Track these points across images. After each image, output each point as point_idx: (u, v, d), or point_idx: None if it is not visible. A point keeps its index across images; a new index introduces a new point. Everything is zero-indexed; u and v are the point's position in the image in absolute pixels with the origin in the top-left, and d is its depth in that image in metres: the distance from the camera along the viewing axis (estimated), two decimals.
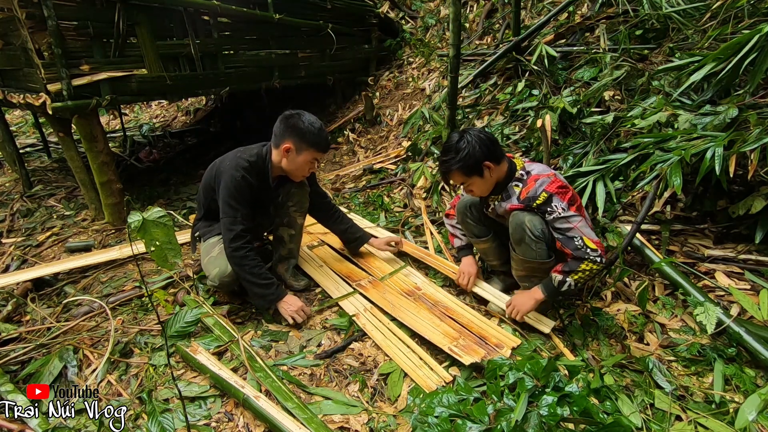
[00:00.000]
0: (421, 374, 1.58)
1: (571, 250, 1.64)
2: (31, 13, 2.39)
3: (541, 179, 1.69)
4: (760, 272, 1.86)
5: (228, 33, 3.45)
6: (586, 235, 1.63)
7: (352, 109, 4.73)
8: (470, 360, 1.58)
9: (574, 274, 1.66)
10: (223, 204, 1.87)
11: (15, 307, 2.07)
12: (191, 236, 2.21)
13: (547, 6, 4.01)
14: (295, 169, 1.94)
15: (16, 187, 3.85)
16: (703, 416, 1.40)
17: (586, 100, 2.73)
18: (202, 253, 2.05)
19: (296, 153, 1.89)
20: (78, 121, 2.71)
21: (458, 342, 1.70)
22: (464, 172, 1.72)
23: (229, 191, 1.85)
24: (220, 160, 1.99)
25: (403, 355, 1.68)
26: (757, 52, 1.83)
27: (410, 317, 1.87)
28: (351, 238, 2.36)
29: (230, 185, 1.85)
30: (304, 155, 1.90)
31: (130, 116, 7.43)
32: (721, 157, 1.70)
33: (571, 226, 1.63)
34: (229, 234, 1.84)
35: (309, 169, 1.97)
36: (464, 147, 1.69)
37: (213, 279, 1.94)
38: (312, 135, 1.86)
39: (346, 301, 2.03)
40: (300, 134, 1.86)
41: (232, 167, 1.88)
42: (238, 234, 1.85)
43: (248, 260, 1.86)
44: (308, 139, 1.86)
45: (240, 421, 1.45)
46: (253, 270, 1.86)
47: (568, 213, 1.64)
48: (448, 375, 1.58)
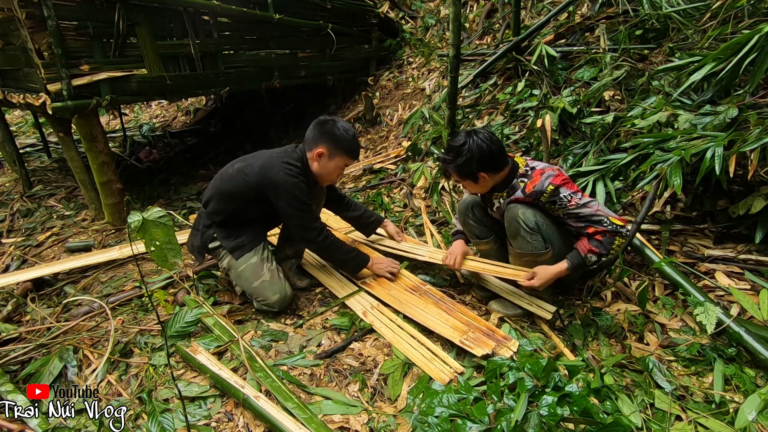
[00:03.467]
0: (433, 367, 1.60)
1: (607, 229, 1.65)
2: (31, 13, 2.39)
3: (546, 173, 1.70)
4: (760, 272, 1.86)
5: (228, 33, 3.45)
6: (610, 215, 1.67)
7: (352, 109, 4.73)
8: (482, 352, 1.60)
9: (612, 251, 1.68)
10: (292, 210, 1.88)
11: (15, 307, 2.07)
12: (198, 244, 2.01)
13: (547, 6, 4.01)
14: (326, 174, 1.97)
15: (16, 187, 3.85)
16: (703, 416, 1.40)
17: (586, 100, 2.73)
18: (241, 272, 1.95)
19: (328, 158, 1.92)
20: (78, 121, 2.71)
21: (468, 335, 1.71)
22: (459, 175, 1.79)
23: (295, 196, 1.87)
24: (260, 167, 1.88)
25: (414, 350, 1.70)
26: (757, 52, 1.83)
27: (418, 312, 1.88)
28: (366, 222, 2.40)
29: (294, 191, 1.86)
30: (335, 161, 1.93)
31: (130, 116, 7.43)
32: (721, 157, 1.70)
33: (593, 210, 1.66)
34: (311, 233, 1.95)
35: (338, 175, 2.02)
36: (464, 153, 1.71)
37: (272, 305, 1.94)
38: (346, 142, 1.90)
39: (352, 299, 2.03)
40: (334, 140, 1.89)
41: (288, 174, 1.86)
42: (320, 229, 1.97)
43: (336, 243, 2.02)
44: (342, 146, 1.90)
45: (240, 421, 1.45)
46: (344, 248, 2.05)
47: (584, 199, 1.67)
48: (460, 366, 1.59)
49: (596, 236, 1.67)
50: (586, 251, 1.69)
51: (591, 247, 1.68)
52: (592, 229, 1.67)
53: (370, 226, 2.40)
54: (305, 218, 1.93)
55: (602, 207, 1.69)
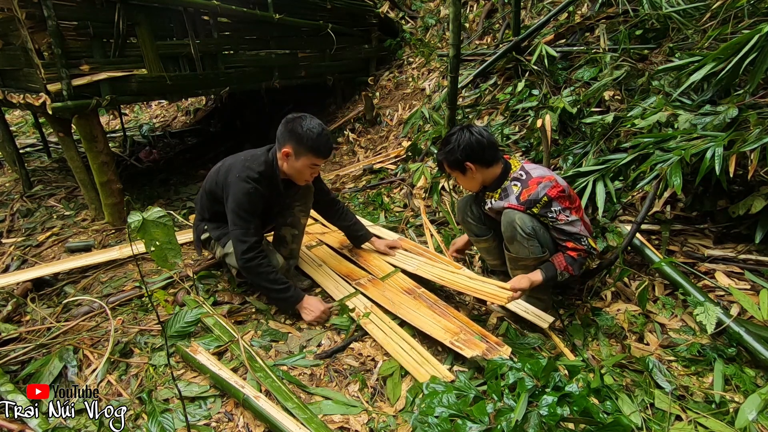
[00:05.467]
0: (422, 372, 1.58)
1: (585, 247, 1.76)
2: (31, 13, 2.39)
3: (543, 182, 1.71)
4: (760, 272, 1.86)
5: (228, 33, 3.45)
6: (588, 236, 1.78)
7: (352, 109, 4.73)
8: (471, 353, 1.59)
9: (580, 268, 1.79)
10: (234, 216, 1.85)
11: (15, 307, 2.07)
12: (195, 237, 2.17)
13: (547, 6, 4.01)
14: (296, 174, 1.93)
15: (16, 187, 3.85)
16: (703, 416, 1.40)
17: (586, 100, 2.73)
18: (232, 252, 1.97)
19: (295, 158, 1.88)
20: (78, 121, 2.71)
21: (459, 336, 1.70)
22: (448, 164, 1.85)
23: (240, 204, 1.83)
24: (227, 167, 1.94)
25: (405, 354, 1.69)
26: (757, 52, 1.83)
27: (411, 314, 1.87)
28: (354, 235, 2.40)
29: (241, 198, 1.82)
30: (302, 160, 1.88)
31: (130, 116, 7.43)
32: (721, 157, 1.70)
33: (577, 230, 1.74)
34: (242, 246, 1.84)
35: (311, 174, 1.96)
36: (452, 142, 1.79)
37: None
38: (310, 140, 1.83)
39: (347, 301, 2.02)
40: (298, 139, 1.84)
41: (242, 179, 1.84)
42: (252, 246, 1.84)
43: (263, 268, 1.86)
44: (306, 144, 1.84)
45: (240, 421, 1.45)
46: (269, 277, 1.87)
47: (572, 217, 1.74)
48: (450, 374, 1.58)
49: (572, 252, 1.75)
50: (562, 267, 1.76)
51: (566, 264, 1.75)
52: (571, 244, 1.75)
53: (358, 239, 2.40)
54: (241, 227, 1.85)
55: (584, 228, 1.77)
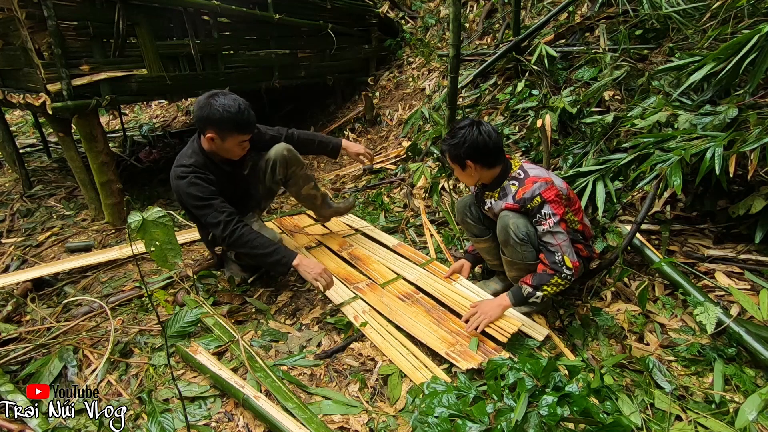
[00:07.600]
0: (420, 376, 1.58)
1: (549, 263, 1.68)
2: (31, 13, 2.39)
3: (539, 182, 1.69)
4: (760, 272, 1.86)
5: (228, 33, 3.45)
6: (566, 254, 1.67)
7: (352, 109, 4.73)
8: (467, 366, 1.58)
9: (547, 287, 1.69)
10: (195, 210, 1.85)
11: (15, 307, 2.07)
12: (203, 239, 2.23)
13: (547, 6, 4.01)
14: (228, 153, 1.89)
15: (16, 187, 3.85)
16: (703, 416, 1.40)
17: (586, 100, 2.73)
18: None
19: (221, 140, 1.82)
20: (78, 121, 2.71)
21: (455, 347, 1.69)
22: (449, 156, 1.81)
23: (191, 196, 1.82)
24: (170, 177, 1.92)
25: (403, 358, 1.68)
26: (757, 52, 1.83)
27: (408, 321, 1.86)
28: (325, 150, 2.40)
29: (187, 192, 1.81)
30: (229, 141, 1.83)
31: (130, 116, 7.43)
32: (721, 157, 1.70)
33: (555, 242, 1.67)
34: (217, 228, 1.82)
35: (243, 148, 1.91)
36: (459, 137, 1.74)
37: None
38: (230, 120, 1.77)
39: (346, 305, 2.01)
40: (217, 122, 1.77)
41: (177, 177, 1.84)
42: (225, 221, 1.82)
43: (245, 237, 1.83)
44: (227, 125, 1.78)
45: (240, 421, 1.45)
46: (255, 242, 1.84)
47: (556, 229, 1.67)
48: (447, 378, 1.57)
49: (540, 265, 1.71)
50: (521, 282, 1.75)
51: (528, 279, 1.72)
52: (542, 255, 1.71)
53: (331, 152, 2.39)
54: (207, 214, 1.82)
55: (567, 245, 1.68)
